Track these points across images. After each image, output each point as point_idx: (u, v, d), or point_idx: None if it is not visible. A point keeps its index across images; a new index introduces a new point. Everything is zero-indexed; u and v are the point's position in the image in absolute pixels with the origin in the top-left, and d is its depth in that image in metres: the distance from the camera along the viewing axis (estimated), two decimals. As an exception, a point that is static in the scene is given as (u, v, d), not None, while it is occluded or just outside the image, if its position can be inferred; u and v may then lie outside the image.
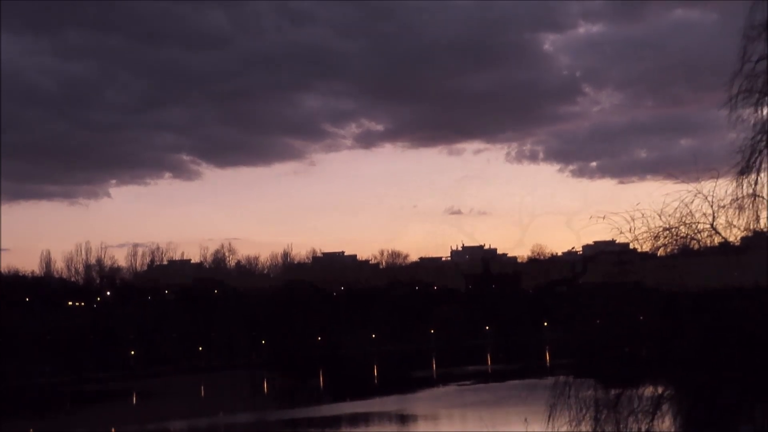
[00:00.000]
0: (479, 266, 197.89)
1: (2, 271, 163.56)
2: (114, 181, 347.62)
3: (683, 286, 21.49)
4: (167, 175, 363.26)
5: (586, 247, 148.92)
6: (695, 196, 20.89)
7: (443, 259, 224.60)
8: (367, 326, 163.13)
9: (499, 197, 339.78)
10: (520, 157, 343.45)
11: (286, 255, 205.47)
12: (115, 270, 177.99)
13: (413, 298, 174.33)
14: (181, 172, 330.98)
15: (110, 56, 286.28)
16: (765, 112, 19.25)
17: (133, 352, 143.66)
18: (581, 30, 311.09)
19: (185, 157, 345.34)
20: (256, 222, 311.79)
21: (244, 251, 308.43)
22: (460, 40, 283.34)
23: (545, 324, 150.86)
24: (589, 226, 23.50)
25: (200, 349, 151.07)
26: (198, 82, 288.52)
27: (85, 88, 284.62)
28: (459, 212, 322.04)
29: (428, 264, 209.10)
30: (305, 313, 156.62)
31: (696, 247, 21.42)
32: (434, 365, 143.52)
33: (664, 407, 20.83)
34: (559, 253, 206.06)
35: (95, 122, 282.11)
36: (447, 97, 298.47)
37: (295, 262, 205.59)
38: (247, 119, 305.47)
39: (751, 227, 20.16)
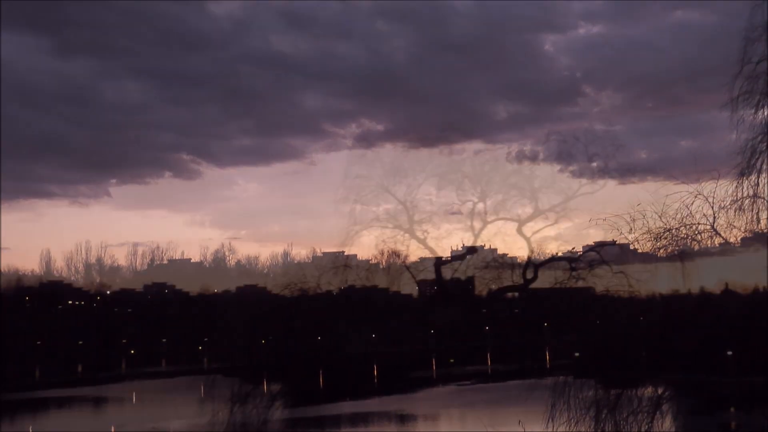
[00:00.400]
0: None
1: (2, 270, 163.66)
2: (114, 181, 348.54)
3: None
4: (167, 174, 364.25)
5: (585, 248, 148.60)
6: (696, 197, 20.86)
7: (443, 259, 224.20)
8: (366, 327, 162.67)
9: (500, 198, 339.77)
10: (520, 158, 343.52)
11: (286, 254, 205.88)
12: (115, 269, 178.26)
13: (413, 299, 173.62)
14: (181, 171, 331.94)
15: (110, 56, 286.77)
16: (765, 114, 19.22)
17: (132, 352, 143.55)
18: (582, 31, 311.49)
19: (185, 157, 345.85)
20: (256, 222, 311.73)
21: (244, 251, 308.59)
22: (460, 40, 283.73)
23: (545, 325, 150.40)
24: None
25: (200, 349, 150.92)
26: (198, 82, 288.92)
27: (85, 87, 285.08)
28: (459, 213, 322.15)
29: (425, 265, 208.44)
30: (305, 314, 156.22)
31: (696, 248, 21.44)
32: (434, 366, 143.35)
33: (664, 407, 20.81)
34: (559, 254, 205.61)
35: (95, 122, 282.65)
36: (447, 97, 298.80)
37: (295, 261, 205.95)
38: (247, 119, 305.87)
39: (752, 228, 20.11)
